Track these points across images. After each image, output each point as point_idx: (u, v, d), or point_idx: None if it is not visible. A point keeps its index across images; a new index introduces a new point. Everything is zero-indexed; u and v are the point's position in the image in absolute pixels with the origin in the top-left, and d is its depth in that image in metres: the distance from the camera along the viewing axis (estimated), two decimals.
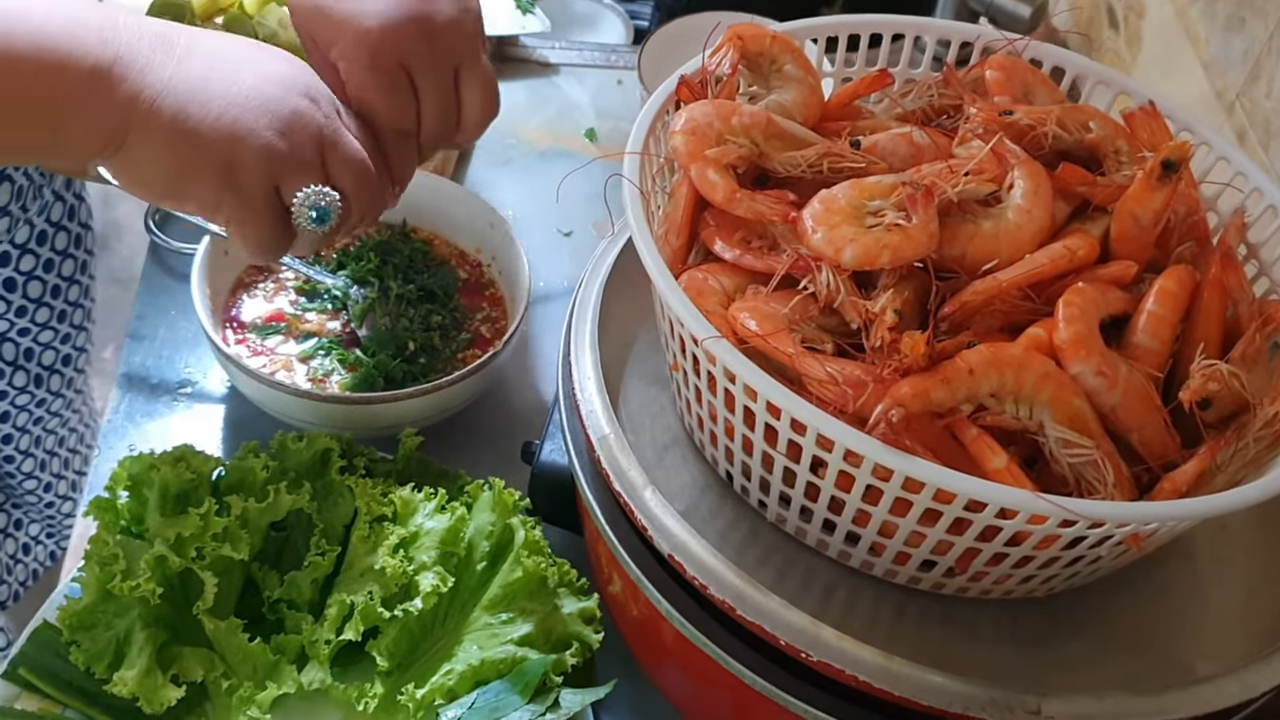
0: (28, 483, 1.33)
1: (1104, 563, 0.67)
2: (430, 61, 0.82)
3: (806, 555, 0.71)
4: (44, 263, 1.18)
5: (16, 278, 1.16)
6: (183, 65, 0.72)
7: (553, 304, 1.08)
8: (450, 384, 0.90)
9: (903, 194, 0.69)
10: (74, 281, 1.23)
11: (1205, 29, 1.04)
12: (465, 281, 1.03)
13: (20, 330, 1.20)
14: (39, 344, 1.23)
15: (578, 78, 1.31)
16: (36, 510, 1.38)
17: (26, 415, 1.27)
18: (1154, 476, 0.67)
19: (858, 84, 0.83)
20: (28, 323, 1.20)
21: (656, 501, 0.71)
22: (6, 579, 1.35)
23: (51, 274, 1.20)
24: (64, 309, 1.23)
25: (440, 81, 0.83)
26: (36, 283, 1.18)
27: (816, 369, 0.64)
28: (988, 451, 0.63)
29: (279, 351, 0.96)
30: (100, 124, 0.71)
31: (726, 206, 0.71)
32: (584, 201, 1.15)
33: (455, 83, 0.84)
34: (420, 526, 0.81)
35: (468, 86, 0.85)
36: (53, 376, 1.27)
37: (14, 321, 1.19)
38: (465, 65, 0.84)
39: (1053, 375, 0.65)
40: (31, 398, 1.26)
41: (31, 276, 1.18)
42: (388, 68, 0.81)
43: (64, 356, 1.27)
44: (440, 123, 0.84)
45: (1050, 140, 0.77)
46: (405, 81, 0.82)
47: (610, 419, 0.74)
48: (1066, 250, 0.71)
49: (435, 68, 0.82)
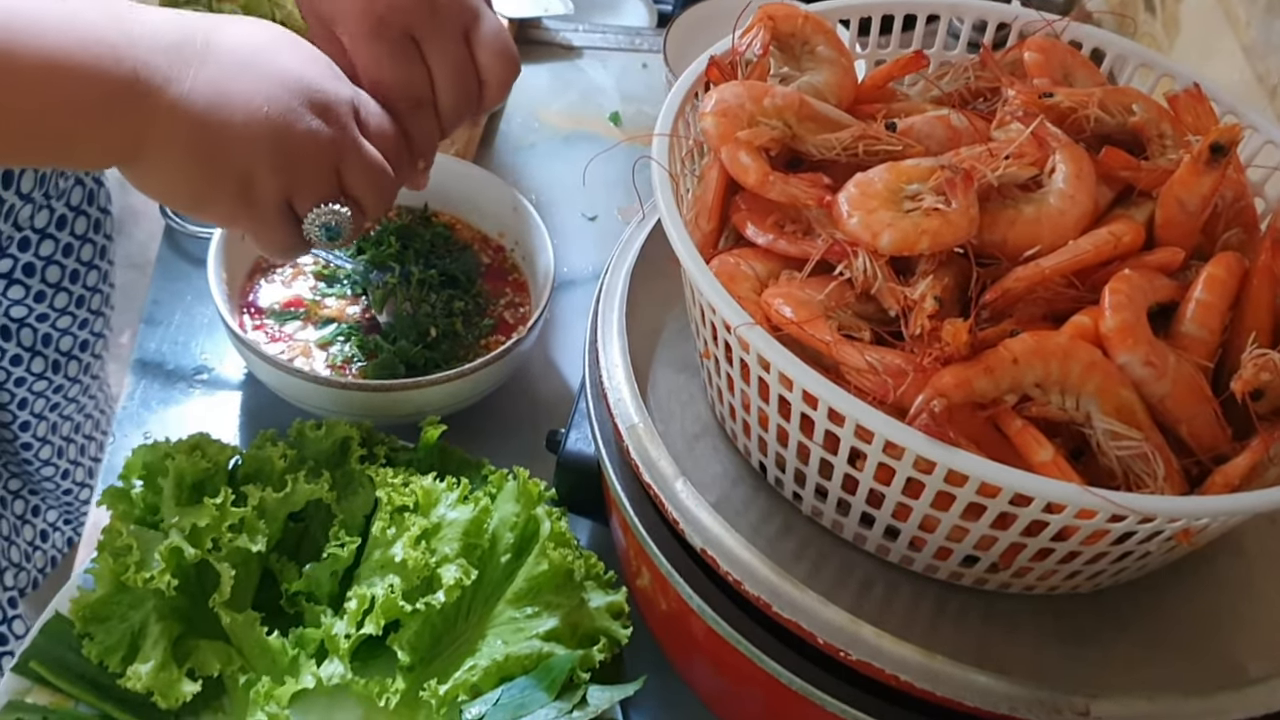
0: (45, 469, 1.32)
1: (1153, 558, 0.65)
2: (435, 25, 0.80)
3: (843, 549, 0.69)
4: (63, 247, 1.17)
5: (36, 262, 1.15)
6: (199, 76, 0.71)
7: (577, 290, 1.07)
8: (473, 371, 0.88)
9: (941, 177, 0.67)
10: (93, 266, 1.22)
11: (1246, 11, 1.01)
12: (488, 266, 1.01)
13: (39, 316, 1.19)
14: (57, 329, 1.22)
15: (601, 61, 1.28)
16: (54, 497, 1.36)
17: (44, 401, 1.26)
18: (1203, 470, 0.65)
19: (892, 65, 0.81)
20: (46, 308, 1.19)
21: (688, 493, 0.69)
22: (25, 565, 1.33)
23: (70, 259, 1.19)
24: (82, 294, 1.22)
25: (450, 45, 0.81)
26: (55, 268, 1.17)
27: (855, 357, 0.62)
28: (1033, 444, 0.61)
29: (297, 337, 0.94)
30: (114, 140, 0.70)
31: (759, 190, 0.69)
32: (609, 186, 1.14)
33: (469, 46, 0.83)
34: (443, 517, 0.79)
35: (480, 46, 0.83)
36: (70, 362, 1.26)
37: (32, 307, 1.18)
38: (474, 25, 0.83)
39: (1099, 365, 0.63)
40: (49, 384, 1.25)
41: (50, 261, 1.17)
42: (392, 37, 0.79)
43: (82, 342, 1.26)
44: (457, 88, 0.83)
45: (1092, 124, 0.75)
46: (413, 49, 0.80)
47: (639, 407, 0.72)
48: (1111, 236, 0.69)
49: (442, 31, 0.81)
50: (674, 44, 1.14)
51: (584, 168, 1.11)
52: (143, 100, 0.69)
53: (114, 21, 0.69)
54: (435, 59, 0.81)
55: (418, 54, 0.80)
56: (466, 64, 0.83)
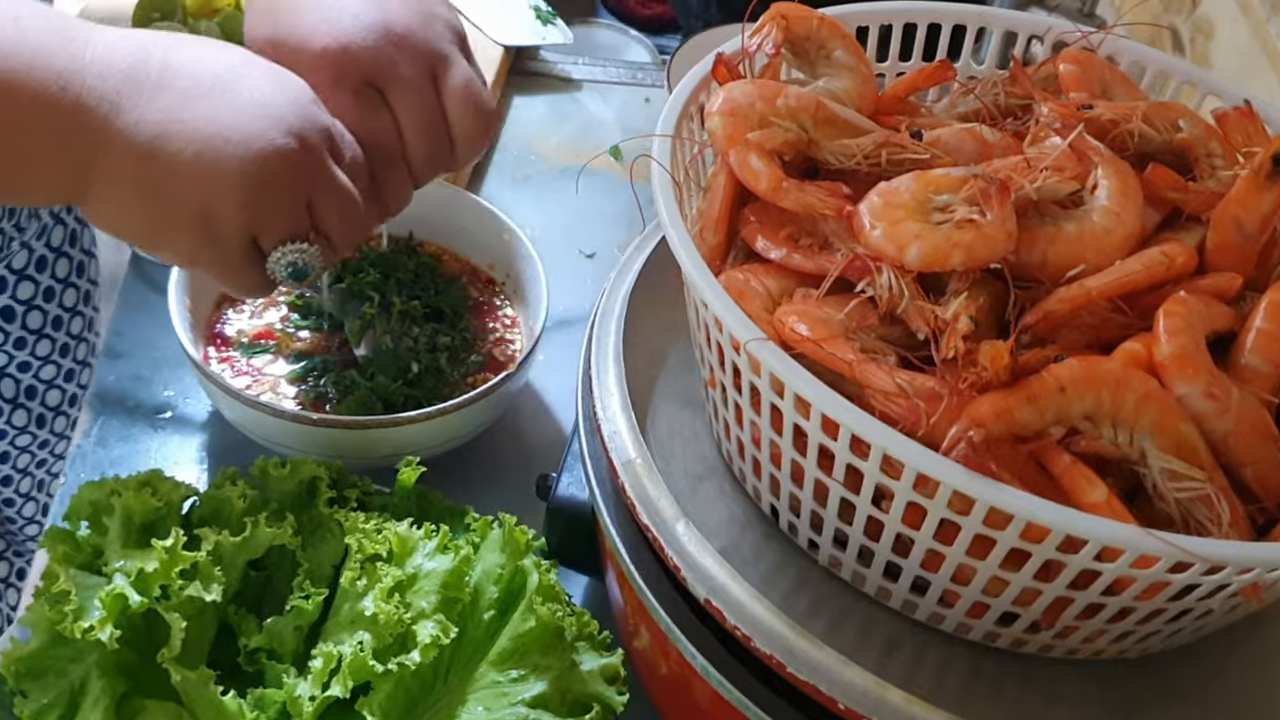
0: (29, 528, 1.26)
1: (1213, 618, 0.58)
2: (399, 73, 0.74)
3: (864, 605, 0.62)
4: (44, 291, 1.12)
5: (15, 306, 1.10)
6: (153, 103, 0.66)
7: (573, 329, 1.00)
8: (456, 409, 0.82)
9: (975, 187, 0.62)
10: (76, 313, 1.17)
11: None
12: (477, 300, 0.96)
13: (20, 365, 1.14)
14: (41, 381, 1.17)
15: (601, 94, 1.24)
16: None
17: (28, 457, 1.21)
18: (1268, 519, 0.59)
19: (915, 75, 0.75)
20: (28, 356, 1.14)
21: (691, 537, 0.62)
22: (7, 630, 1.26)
23: (52, 304, 1.14)
24: (66, 342, 1.17)
25: (415, 94, 0.75)
26: (36, 313, 1.12)
27: (883, 378, 0.55)
28: (1084, 482, 0.55)
29: (266, 372, 0.89)
30: (62, 171, 0.66)
31: (771, 198, 0.64)
32: (608, 222, 1.08)
33: (438, 94, 0.76)
34: (419, 568, 0.72)
35: (449, 97, 0.76)
36: (57, 418, 1.21)
37: (13, 355, 1.13)
38: (442, 73, 0.76)
39: (1156, 396, 0.57)
40: (33, 438, 1.20)
41: (31, 306, 1.11)
42: (353, 87, 0.74)
43: (70, 396, 1.21)
44: (426, 140, 0.76)
45: (1135, 140, 0.70)
46: (377, 99, 0.75)
47: (637, 441, 0.66)
48: (1164, 257, 0.63)
49: (406, 79, 0.75)
50: (678, 72, 1.08)
51: (582, 202, 1.05)
52: (88, 130, 0.64)
53: (65, 44, 0.65)
54: (401, 108, 0.75)
55: (383, 104, 0.75)
56: (436, 114, 0.76)
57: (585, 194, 1.08)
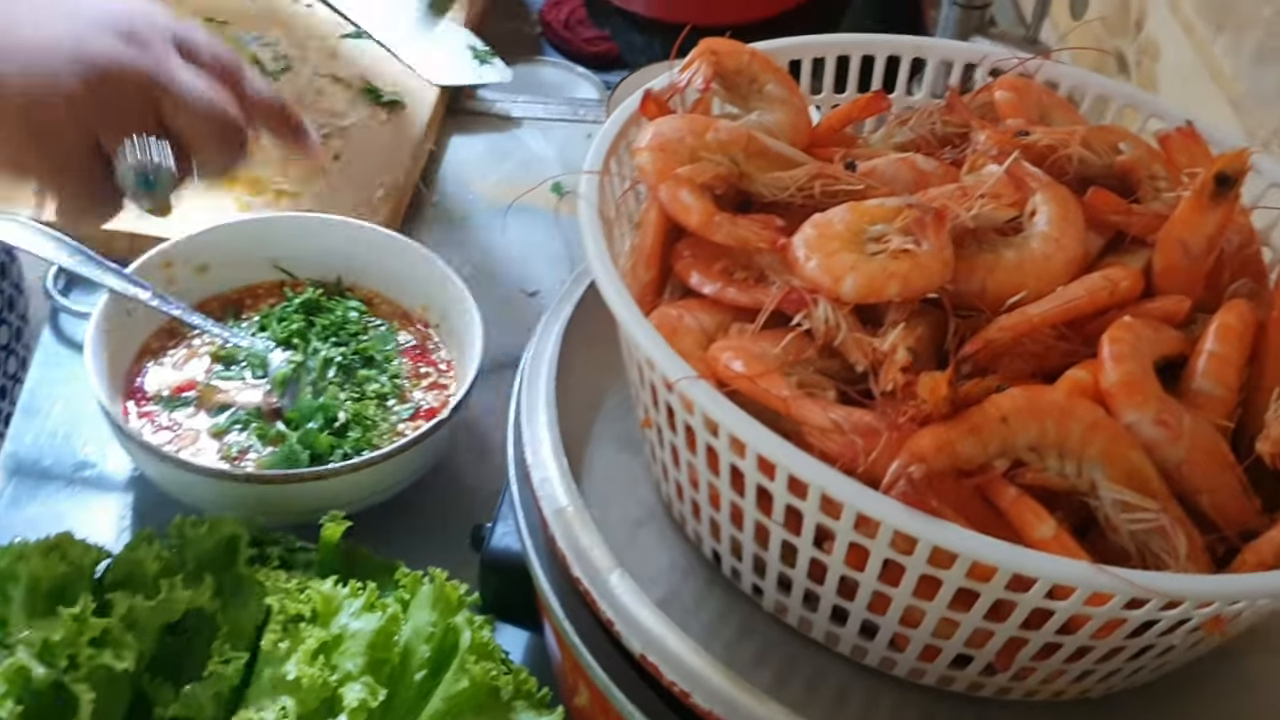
0: None
1: (1175, 655, 0.56)
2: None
3: (813, 652, 0.60)
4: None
5: None
6: None
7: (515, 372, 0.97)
8: (385, 459, 0.79)
9: (909, 216, 0.60)
10: (9, 351, 1.11)
11: (1231, 64, 0.94)
12: (409, 345, 0.92)
13: None
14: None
15: (543, 131, 1.21)
16: None
17: None
18: (1229, 548, 0.57)
19: (850, 107, 0.74)
20: None
21: (625, 588, 0.59)
22: None
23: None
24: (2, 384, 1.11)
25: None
26: None
27: (818, 414, 0.53)
28: (1031, 517, 0.52)
29: (187, 425, 0.85)
30: None
31: (703, 232, 0.61)
32: (551, 260, 1.06)
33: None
34: (344, 628, 0.68)
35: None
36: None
37: None
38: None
39: (1103, 424, 0.55)
40: None
41: None
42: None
43: None
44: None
45: (1075, 164, 0.68)
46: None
47: (569, 489, 0.63)
48: (1107, 282, 0.62)
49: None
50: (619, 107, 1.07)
51: (524, 240, 1.03)
52: None
53: None
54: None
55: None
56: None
57: (527, 232, 1.06)
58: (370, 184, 1.06)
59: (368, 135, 1.11)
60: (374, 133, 1.12)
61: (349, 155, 1.09)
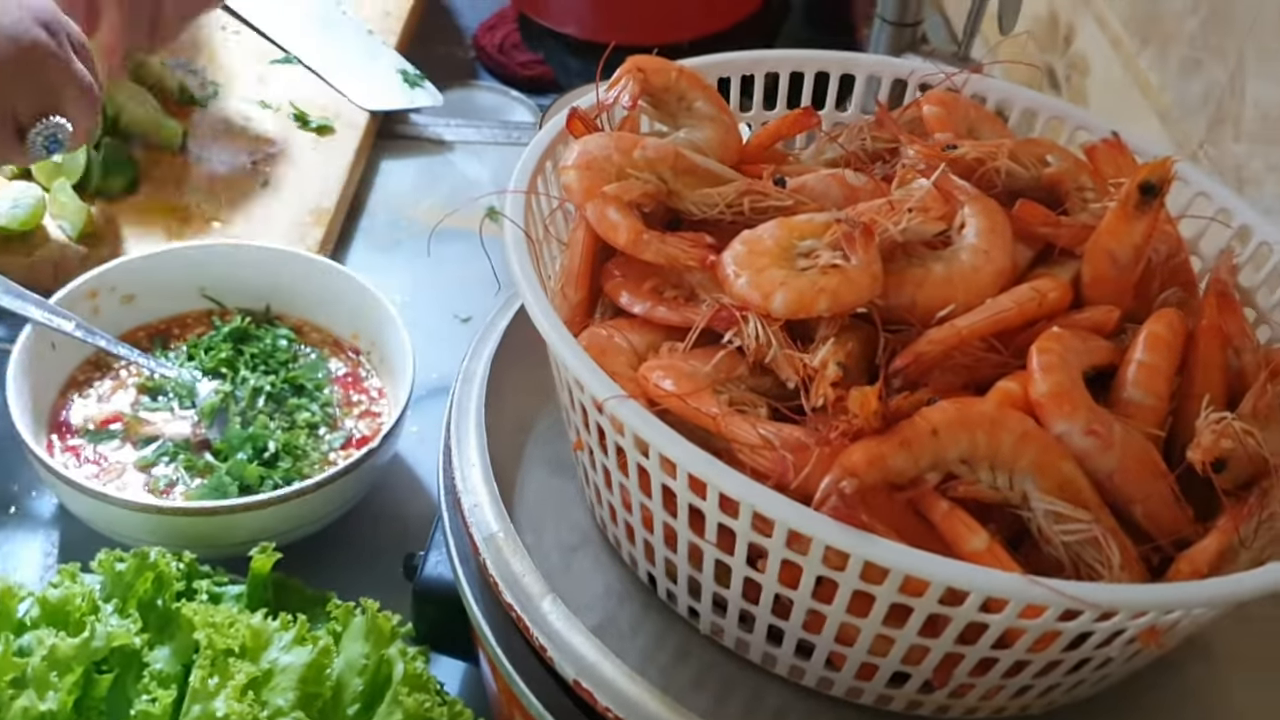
0: None
1: (1114, 667, 0.56)
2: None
3: (750, 674, 0.59)
4: None
5: None
6: None
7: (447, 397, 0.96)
8: (314, 489, 0.77)
9: (838, 231, 0.60)
10: None
11: (1158, 76, 0.96)
12: (341, 373, 0.91)
13: None
14: None
15: (476, 155, 1.20)
16: None
17: None
18: (1163, 557, 0.57)
19: (779, 123, 0.73)
20: None
21: (558, 614, 0.58)
22: None
23: None
24: None
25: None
26: None
27: (747, 431, 0.52)
28: (963, 529, 0.52)
29: (113, 459, 0.83)
30: None
31: (631, 250, 0.61)
32: (484, 284, 1.03)
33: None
34: (275, 662, 0.67)
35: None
36: None
37: None
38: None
39: (1034, 435, 0.55)
40: None
41: None
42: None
43: None
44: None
45: (1003, 177, 0.68)
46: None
47: (500, 514, 0.62)
48: (1035, 293, 0.62)
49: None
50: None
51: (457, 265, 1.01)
52: None
53: None
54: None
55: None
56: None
57: (459, 256, 1.04)
58: (300, 210, 1.05)
59: (297, 161, 1.10)
60: (303, 159, 1.10)
61: (278, 182, 1.08)
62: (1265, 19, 0.82)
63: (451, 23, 1.42)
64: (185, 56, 1.18)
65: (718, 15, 1.29)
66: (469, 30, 1.40)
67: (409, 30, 1.30)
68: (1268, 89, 0.82)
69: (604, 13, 1.29)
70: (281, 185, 1.07)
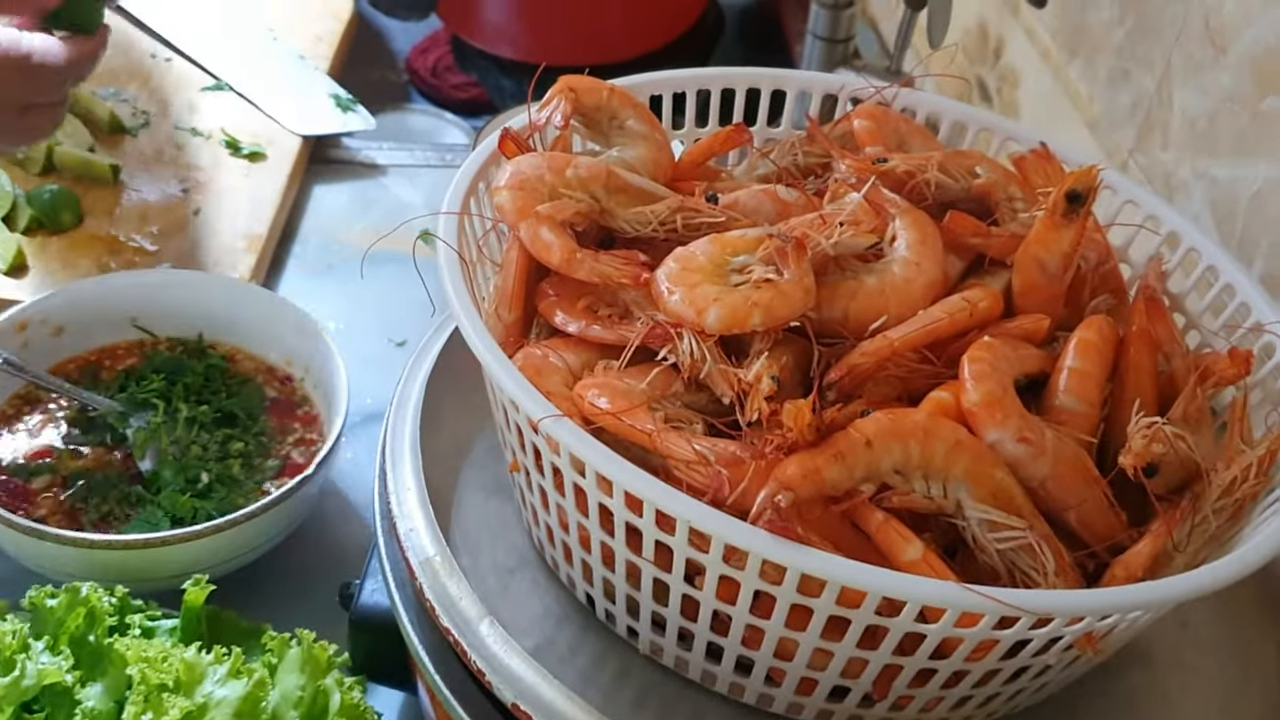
0: None
1: (1052, 675, 0.56)
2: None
3: (691, 693, 0.59)
4: None
5: None
6: None
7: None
8: (248, 519, 0.76)
9: (770, 246, 0.60)
10: None
11: (1087, 87, 0.97)
12: (275, 400, 0.90)
13: None
14: None
15: (409, 178, 1.20)
16: None
17: None
18: (1098, 564, 0.57)
19: (711, 140, 0.73)
20: None
21: (496, 637, 0.58)
22: None
23: None
24: None
25: None
26: None
27: (683, 448, 0.52)
28: (898, 539, 0.52)
29: (45, 494, 0.82)
30: None
31: (565, 269, 0.61)
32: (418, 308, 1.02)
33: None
34: (209, 696, 0.66)
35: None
36: None
37: None
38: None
39: (966, 444, 0.55)
40: None
41: None
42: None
43: None
44: None
45: (933, 189, 0.69)
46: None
47: (436, 538, 0.61)
48: (966, 303, 0.62)
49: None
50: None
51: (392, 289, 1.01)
52: None
53: None
54: None
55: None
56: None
57: (394, 280, 1.03)
58: (232, 237, 1.04)
59: (229, 188, 1.09)
60: (235, 185, 1.09)
61: (209, 209, 1.06)
62: (1190, 29, 0.84)
63: (384, 47, 1.41)
64: (115, 85, 1.17)
65: (651, 34, 1.30)
66: (401, 54, 1.40)
67: (341, 55, 1.29)
68: (1194, 98, 0.83)
69: (537, 34, 1.29)
70: (213, 212, 1.06)
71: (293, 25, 1.29)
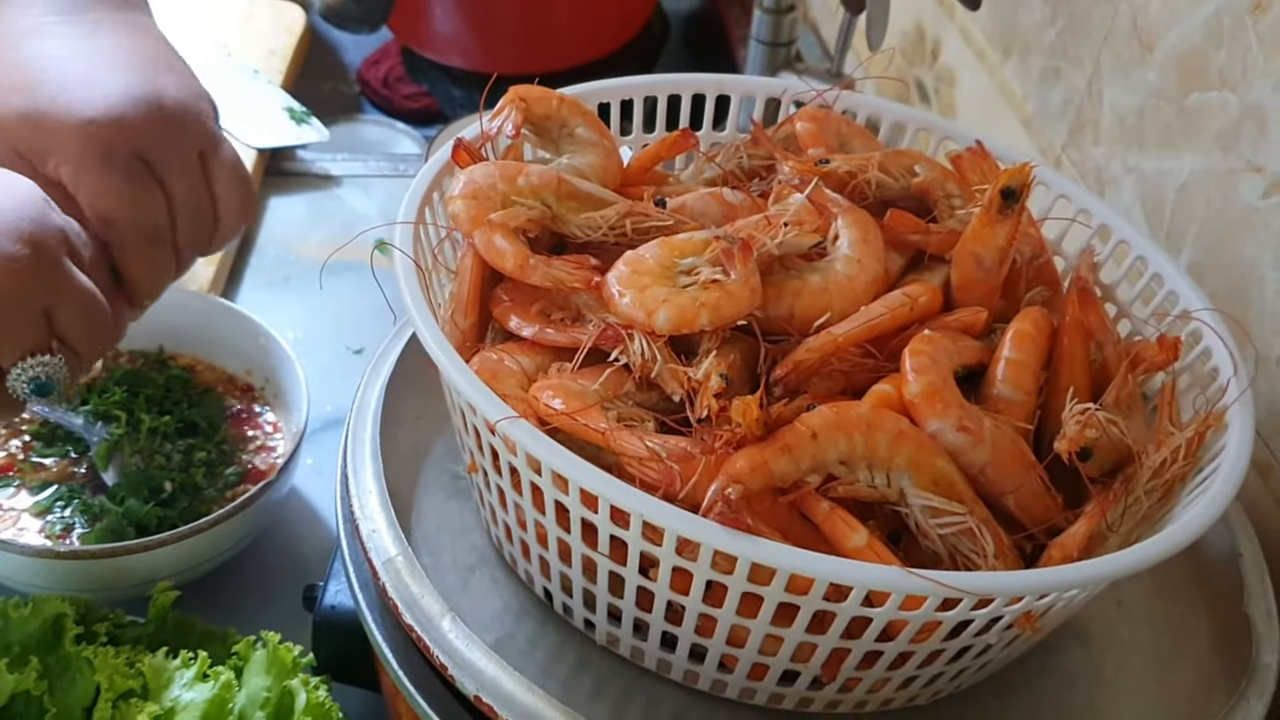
0: None
1: (994, 654, 0.58)
2: (172, 149, 0.72)
3: (647, 681, 0.60)
4: None
5: None
6: None
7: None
8: (211, 526, 0.77)
9: (717, 248, 0.61)
10: None
11: (1021, 86, 0.99)
12: (235, 410, 0.91)
13: None
14: None
15: (363, 188, 1.21)
16: None
17: None
18: (1036, 545, 0.59)
19: (658, 146, 0.75)
20: None
21: (458, 632, 0.59)
22: None
23: None
24: None
25: (188, 170, 0.73)
26: None
27: (635, 445, 0.54)
28: (844, 527, 0.54)
29: (8, 506, 0.82)
30: None
31: (519, 275, 0.62)
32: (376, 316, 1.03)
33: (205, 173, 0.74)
34: (177, 700, 0.67)
35: (218, 176, 0.75)
36: None
37: None
38: (210, 151, 0.74)
39: (908, 434, 0.57)
40: None
41: None
42: (124, 161, 0.70)
43: None
44: (196, 218, 0.74)
45: (874, 188, 0.71)
46: (147, 175, 0.71)
47: (398, 539, 0.63)
48: (906, 298, 0.64)
49: (179, 155, 0.73)
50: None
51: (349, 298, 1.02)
52: None
53: None
54: (175, 184, 0.72)
55: (153, 179, 0.72)
56: (204, 193, 0.74)
57: (351, 290, 1.05)
58: None
59: None
60: None
61: None
62: (1118, 28, 0.86)
63: (336, 59, 1.42)
64: None
65: (598, 43, 1.31)
66: (353, 66, 1.41)
67: (294, 68, 1.30)
68: (1123, 95, 0.86)
69: (487, 44, 1.30)
70: None
71: (246, 40, 1.29)
